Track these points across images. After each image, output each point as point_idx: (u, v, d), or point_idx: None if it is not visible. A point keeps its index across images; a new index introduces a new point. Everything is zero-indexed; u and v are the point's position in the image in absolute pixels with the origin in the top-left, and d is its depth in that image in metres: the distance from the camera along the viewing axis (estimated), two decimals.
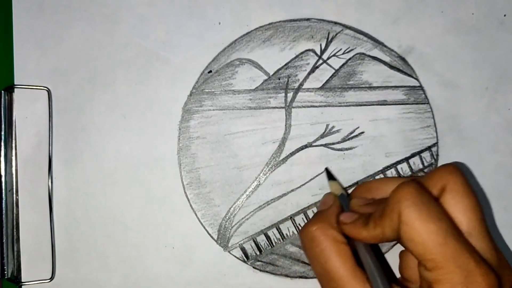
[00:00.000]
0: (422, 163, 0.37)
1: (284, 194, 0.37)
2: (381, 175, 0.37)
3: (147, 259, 0.37)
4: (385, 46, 0.38)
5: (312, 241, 0.29)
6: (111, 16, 0.38)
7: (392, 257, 0.36)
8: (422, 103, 0.38)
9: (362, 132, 0.37)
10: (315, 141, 0.37)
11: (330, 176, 0.36)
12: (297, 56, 0.38)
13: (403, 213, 0.26)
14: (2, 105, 0.36)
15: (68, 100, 0.37)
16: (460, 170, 0.28)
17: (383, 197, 0.31)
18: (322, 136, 0.37)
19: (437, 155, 0.37)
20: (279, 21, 0.38)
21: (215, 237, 0.37)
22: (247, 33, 0.38)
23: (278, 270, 0.37)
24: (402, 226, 0.26)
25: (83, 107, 0.37)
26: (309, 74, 0.38)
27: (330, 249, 0.29)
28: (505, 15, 0.38)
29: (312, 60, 0.38)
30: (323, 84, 0.38)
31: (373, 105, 0.38)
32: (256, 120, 0.37)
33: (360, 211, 0.31)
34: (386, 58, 0.38)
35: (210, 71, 0.38)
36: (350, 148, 0.37)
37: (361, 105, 0.38)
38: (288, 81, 0.38)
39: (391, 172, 0.37)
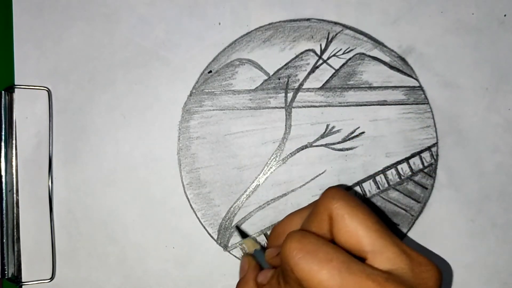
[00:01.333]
0: (422, 163, 0.37)
1: (284, 194, 0.37)
2: (382, 176, 0.37)
3: (147, 259, 0.37)
4: (385, 46, 0.38)
5: None
6: (111, 16, 0.38)
7: None
8: (422, 103, 0.38)
9: (363, 132, 0.37)
10: (315, 141, 0.37)
11: (242, 235, 0.36)
12: (297, 56, 0.38)
13: (295, 271, 0.26)
14: (2, 105, 0.36)
15: (68, 100, 0.37)
16: (340, 192, 0.28)
17: None
18: (323, 136, 0.37)
19: (437, 155, 0.37)
20: (279, 21, 0.38)
21: (215, 237, 0.37)
22: (247, 33, 0.38)
23: None
24: (302, 282, 0.26)
25: (83, 107, 0.37)
26: (309, 74, 0.38)
27: None
28: (505, 15, 0.38)
29: (312, 60, 0.38)
30: (323, 84, 0.38)
31: (373, 105, 0.38)
32: (256, 120, 0.37)
33: (274, 264, 0.31)
34: (386, 58, 0.38)
35: (210, 71, 0.38)
36: (351, 148, 0.37)
37: (361, 105, 0.38)
38: (288, 81, 0.38)
39: (391, 173, 0.37)
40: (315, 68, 0.38)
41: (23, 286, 0.36)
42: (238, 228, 0.37)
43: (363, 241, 0.27)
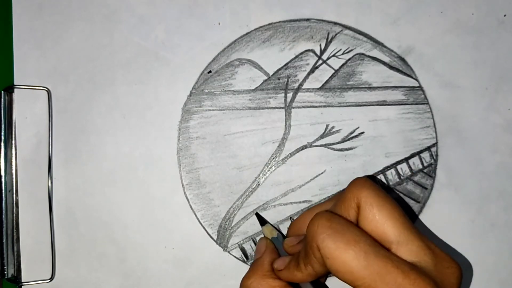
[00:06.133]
0: (422, 164, 0.37)
1: (284, 195, 0.37)
2: (381, 176, 0.37)
3: (147, 259, 0.37)
4: (385, 47, 0.38)
5: None
6: (111, 16, 0.38)
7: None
8: (421, 103, 0.38)
9: (362, 133, 0.37)
10: (315, 141, 0.37)
11: (262, 221, 0.36)
12: (296, 57, 0.38)
13: (321, 247, 0.26)
14: (2, 105, 0.36)
15: (68, 100, 0.37)
16: (369, 182, 0.28)
17: None
18: (322, 136, 0.37)
19: (437, 155, 0.37)
20: (279, 21, 0.38)
21: (215, 238, 0.37)
22: (246, 34, 0.38)
23: None
24: (325, 260, 0.26)
25: (83, 107, 0.37)
26: (308, 74, 0.38)
27: None
28: (505, 15, 0.38)
29: (311, 60, 0.38)
30: (323, 85, 0.38)
31: (373, 105, 0.38)
32: (256, 121, 0.37)
33: (292, 252, 0.31)
34: (386, 59, 0.38)
35: (210, 71, 0.38)
36: (350, 149, 0.37)
37: (360, 105, 0.38)
38: (287, 81, 0.38)
39: (391, 173, 0.37)
40: (314, 68, 0.38)
41: (22, 286, 0.36)
42: (257, 214, 0.37)
43: (389, 231, 0.27)
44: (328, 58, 0.38)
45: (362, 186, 0.28)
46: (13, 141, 0.37)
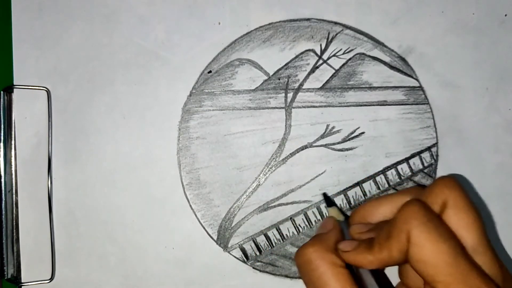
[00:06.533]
0: (422, 164, 0.37)
1: (284, 195, 0.37)
2: (382, 176, 0.37)
3: (147, 259, 0.37)
4: (385, 46, 0.38)
5: (309, 264, 0.28)
6: (111, 16, 0.38)
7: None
8: (422, 104, 0.38)
9: (363, 133, 0.37)
10: (315, 141, 0.37)
11: (329, 202, 0.36)
12: (297, 56, 0.38)
13: (412, 234, 0.25)
14: (2, 106, 0.36)
15: (68, 100, 0.37)
16: (460, 184, 0.28)
17: (380, 220, 0.31)
18: (322, 136, 0.37)
19: (437, 155, 0.37)
20: (279, 21, 0.38)
21: (215, 238, 0.37)
22: (247, 33, 0.38)
23: (278, 271, 0.37)
24: (412, 247, 0.25)
25: (83, 107, 0.37)
26: (309, 74, 0.38)
27: (328, 273, 0.28)
28: (506, 15, 0.38)
29: (312, 60, 0.38)
30: (323, 84, 0.38)
31: (373, 105, 0.38)
32: (256, 121, 0.37)
33: (359, 238, 0.30)
34: (386, 58, 0.38)
35: (210, 71, 0.38)
36: (351, 149, 0.37)
37: (361, 105, 0.38)
38: (288, 81, 0.38)
39: (391, 173, 0.37)
40: (315, 68, 0.38)
41: (22, 287, 0.36)
42: (325, 195, 0.36)
43: (468, 237, 0.26)
44: (328, 58, 0.38)
45: (453, 186, 0.27)
46: (13, 141, 0.37)
